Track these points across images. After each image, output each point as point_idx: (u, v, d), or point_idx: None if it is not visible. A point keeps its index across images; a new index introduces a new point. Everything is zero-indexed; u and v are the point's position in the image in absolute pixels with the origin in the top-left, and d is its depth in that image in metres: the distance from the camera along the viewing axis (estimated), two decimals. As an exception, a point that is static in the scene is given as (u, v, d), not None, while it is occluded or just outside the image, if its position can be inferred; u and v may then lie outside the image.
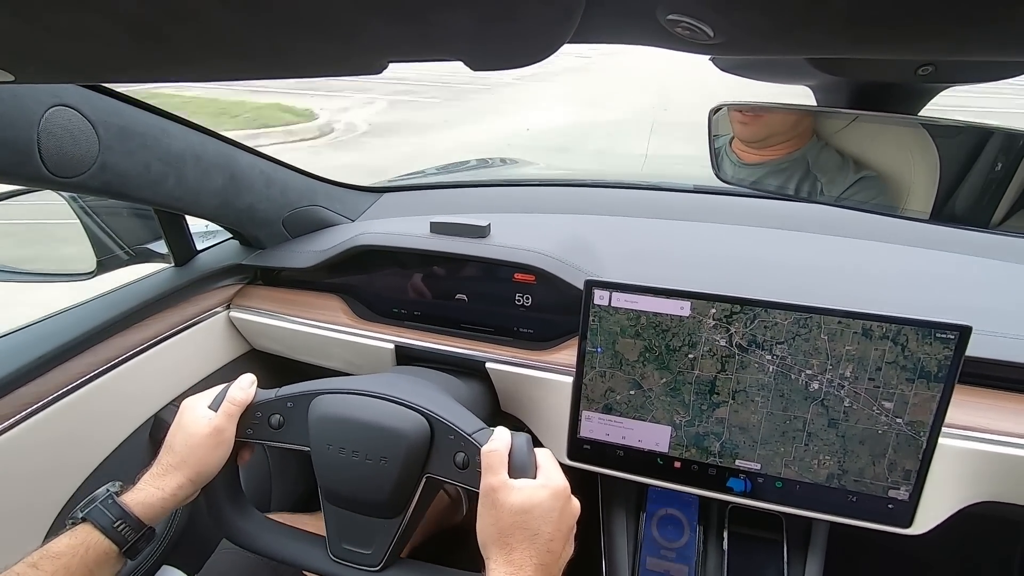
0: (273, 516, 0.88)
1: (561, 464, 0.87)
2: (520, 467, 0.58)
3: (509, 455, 0.59)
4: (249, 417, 0.68)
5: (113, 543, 0.59)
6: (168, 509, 0.63)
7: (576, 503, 0.60)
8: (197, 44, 0.26)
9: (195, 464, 0.64)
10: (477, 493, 0.60)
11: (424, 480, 0.64)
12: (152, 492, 0.62)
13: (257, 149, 0.99)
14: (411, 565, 0.67)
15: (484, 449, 0.59)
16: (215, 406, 0.67)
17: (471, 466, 0.62)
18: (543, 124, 6.93)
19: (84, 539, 0.58)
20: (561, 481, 0.59)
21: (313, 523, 0.88)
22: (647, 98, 8.86)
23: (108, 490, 0.62)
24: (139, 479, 0.65)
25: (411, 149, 5.84)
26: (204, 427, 0.65)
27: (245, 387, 0.69)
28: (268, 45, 0.27)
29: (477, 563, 0.87)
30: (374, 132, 6.77)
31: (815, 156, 0.55)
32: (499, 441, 0.60)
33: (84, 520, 0.59)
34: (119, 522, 0.59)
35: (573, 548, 0.59)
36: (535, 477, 0.58)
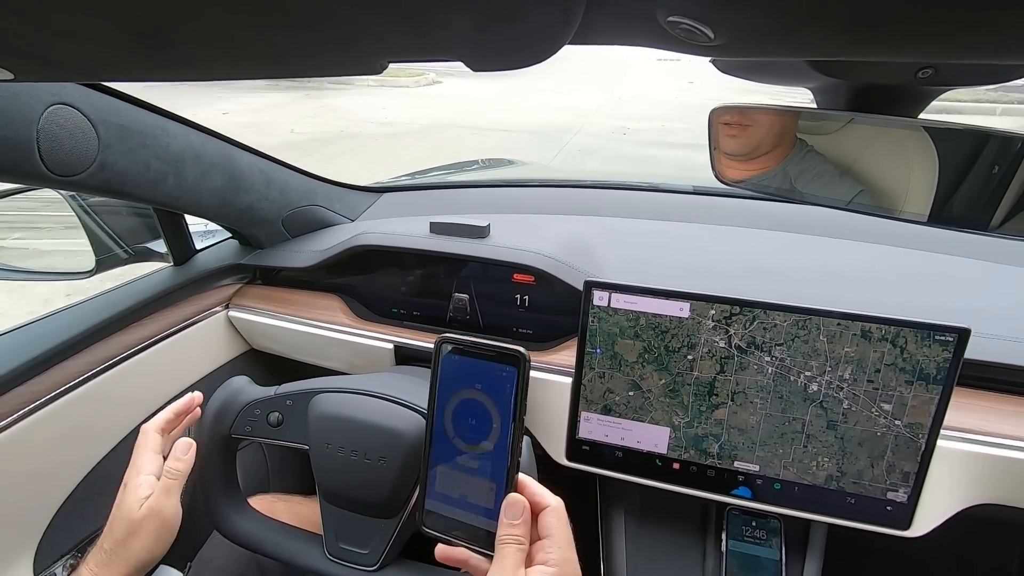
0: (267, 496, 0.87)
1: (560, 465, 0.88)
2: None
3: None
4: (248, 414, 0.68)
5: None
6: None
7: None
8: (196, 44, 0.26)
9: (137, 554, 0.59)
10: None
11: None
12: None
13: (257, 149, 0.98)
14: (408, 565, 0.67)
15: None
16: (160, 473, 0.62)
17: None
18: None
19: None
20: None
21: (307, 504, 0.88)
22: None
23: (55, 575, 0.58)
24: (89, 553, 0.61)
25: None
26: (141, 512, 0.60)
27: (181, 455, 0.64)
28: (266, 46, 0.27)
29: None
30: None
31: (798, 163, 0.54)
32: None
33: None
34: None
35: None
36: None
